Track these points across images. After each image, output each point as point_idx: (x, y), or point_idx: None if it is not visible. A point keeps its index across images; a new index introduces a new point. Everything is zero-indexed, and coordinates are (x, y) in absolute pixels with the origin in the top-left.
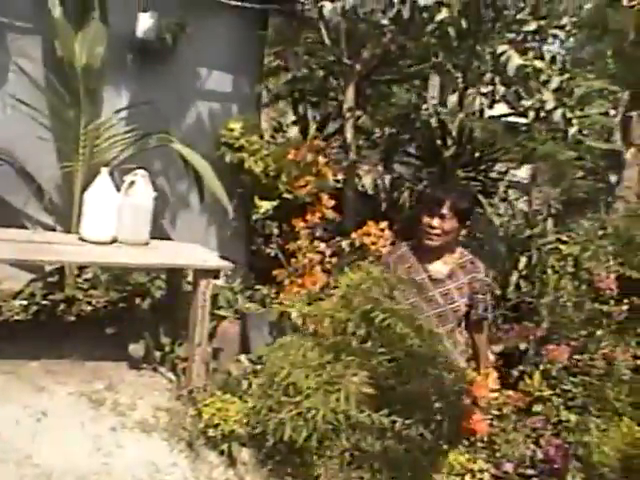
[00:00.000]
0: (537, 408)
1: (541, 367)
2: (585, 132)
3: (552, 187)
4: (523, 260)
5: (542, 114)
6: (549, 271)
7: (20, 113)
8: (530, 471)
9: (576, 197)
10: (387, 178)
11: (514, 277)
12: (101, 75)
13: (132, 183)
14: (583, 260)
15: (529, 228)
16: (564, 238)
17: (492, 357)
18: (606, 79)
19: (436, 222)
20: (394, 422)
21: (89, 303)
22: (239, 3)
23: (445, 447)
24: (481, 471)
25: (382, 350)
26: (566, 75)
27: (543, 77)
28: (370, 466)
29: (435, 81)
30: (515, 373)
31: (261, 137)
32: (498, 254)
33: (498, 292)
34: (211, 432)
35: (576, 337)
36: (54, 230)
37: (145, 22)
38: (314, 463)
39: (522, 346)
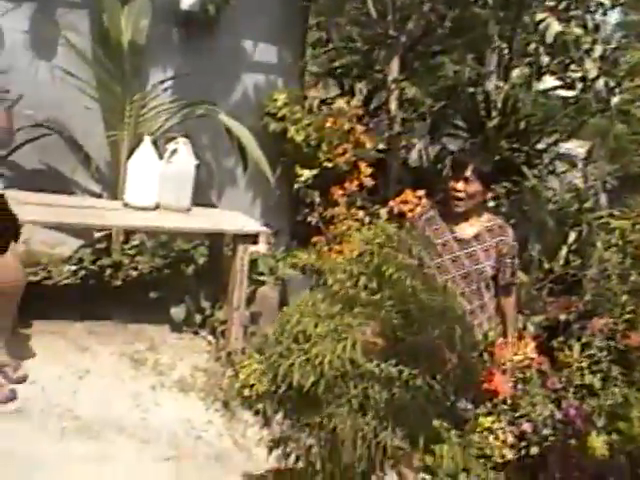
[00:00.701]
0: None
1: (583, 340)
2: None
3: (609, 163)
4: (573, 235)
5: (587, 84)
6: (598, 244)
7: (69, 85)
8: (547, 431)
9: (634, 173)
10: (432, 150)
11: (563, 251)
12: (146, 48)
13: (174, 151)
14: (631, 233)
15: (580, 202)
16: (616, 213)
17: (532, 328)
18: None
19: (460, 185)
20: (401, 372)
21: (135, 269)
22: None
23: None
24: (503, 431)
25: (392, 302)
26: (611, 44)
27: (585, 46)
28: (376, 413)
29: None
30: (555, 344)
31: (303, 107)
32: (546, 227)
33: (546, 265)
34: (247, 392)
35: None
36: (101, 197)
37: None
38: (324, 410)
39: (564, 318)
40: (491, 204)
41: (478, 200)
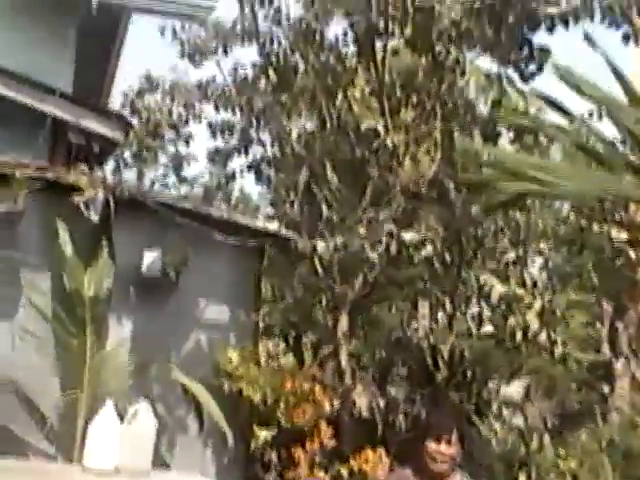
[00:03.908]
0: None
1: None
2: (571, 345)
3: (545, 401)
4: (522, 477)
5: (529, 335)
6: None
7: (27, 343)
8: None
9: (571, 410)
10: (382, 401)
11: None
12: (107, 308)
13: (135, 413)
14: (582, 475)
15: (525, 444)
16: (562, 453)
17: None
18: (588, 292)
19: (444, 448)
20: None
21: None
22: (237, 242)
23: None
24: None
25: None
26: (547, 296)
27: (526, 302)
28: None
29: (425, 305)
30: None
31: (258, 365)
32: (497, 473)
33: None
34: None
35: None
36: (55, 459)
37: (150, 258)
38: None
39: None
40: None
41: (456, 460)
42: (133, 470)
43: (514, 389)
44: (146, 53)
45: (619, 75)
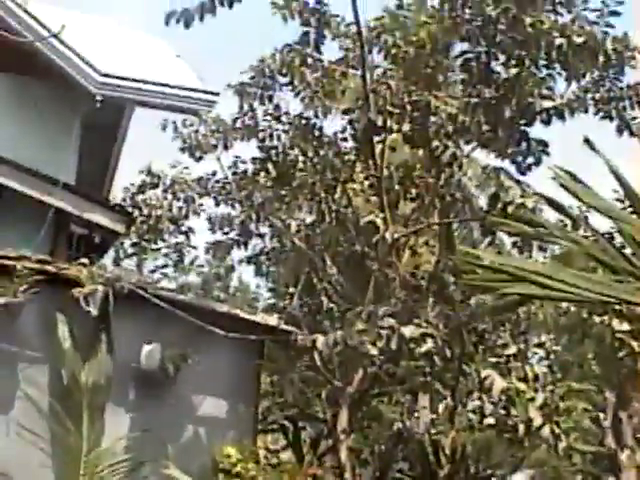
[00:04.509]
0: None
1: None
2: (575, 436)
3: None
4: None
5: (532, 429)
6: None
7: (22, 438)
8: None
9: None
10: None
11: None
12: (104, 403)
13: None
14: None
15: None
16: None
17: None
18: (591, 381)
19: None
20: None
21: None
22: (237, 336)
23: None
24: None
25: None
26: (549, 389)
27: (527, 396)
28: None
29: (425, 399)
30: None
31: (257, 462)
32: None
33: None
34: None
35: None
36: None
37: (149, 353)
38: None
39: None
40: None
41: None
42: None
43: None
44: (147, 148)
45: (625, 186)
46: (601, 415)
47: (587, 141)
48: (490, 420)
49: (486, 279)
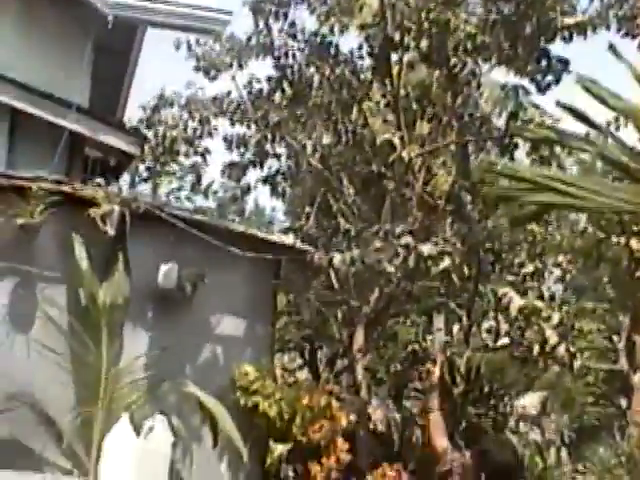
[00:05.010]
0: None
1: None
2: (589, 355)
3: (562, 415)
4: None
5: (547, 348)
6: None
7: (43, 357)
8: None
9: (588, 424)
10: (397, 416)
11: None
12: (122, 322)
13: (151, 428)
14: None
15: (542, 459)
16: (580, 468)
17: None
18: (605, 303)
19: None
20: None
21: None
22: (254, 255)
23: None
24: None
25: None
26: (565, 309)
27: (544, 314)
28: None
29: (440, 319)
30: None
31: (274, 380)
32: None
33: None
34: None
35: None
36: (71, 473)
37: (166, 273)
38: None
39: None
40: None
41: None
42: None
43: (530, 403)
44: (161, 68)
45: None
46: (615, 338)
47: (611, 47)
48: (505, 340)
49: (506, 188)
